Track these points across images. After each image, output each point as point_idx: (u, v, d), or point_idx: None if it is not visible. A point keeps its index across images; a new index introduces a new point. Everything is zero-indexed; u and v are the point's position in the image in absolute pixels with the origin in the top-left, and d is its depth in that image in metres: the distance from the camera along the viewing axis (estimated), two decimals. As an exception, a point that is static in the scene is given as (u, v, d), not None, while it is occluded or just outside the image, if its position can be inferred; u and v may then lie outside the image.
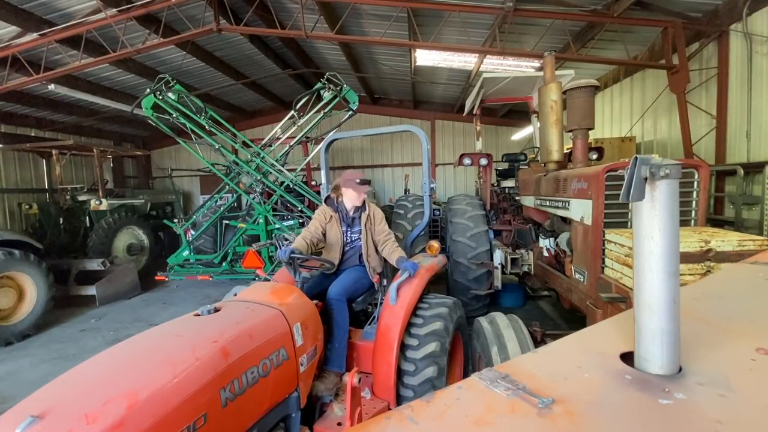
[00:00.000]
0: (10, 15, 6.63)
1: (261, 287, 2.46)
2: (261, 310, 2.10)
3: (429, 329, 2.85)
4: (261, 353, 1.86)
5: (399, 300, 2.84)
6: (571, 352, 1.01)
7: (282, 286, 2.45)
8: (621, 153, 7.84)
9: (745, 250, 2.29)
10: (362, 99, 11.29)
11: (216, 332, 1.78)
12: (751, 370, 0.86)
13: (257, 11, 7.60)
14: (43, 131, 12.15)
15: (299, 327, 2.18)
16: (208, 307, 2.05)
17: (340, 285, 2.91)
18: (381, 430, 0.74)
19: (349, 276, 3.08)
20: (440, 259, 3.59)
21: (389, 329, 2.75)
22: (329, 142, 3.82)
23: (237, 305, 2.17)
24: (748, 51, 5.94)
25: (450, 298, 3.24)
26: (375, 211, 3.21)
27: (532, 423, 0.72)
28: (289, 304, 2.24)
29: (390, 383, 2.66)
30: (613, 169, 2.98)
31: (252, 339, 1.85)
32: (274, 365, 1.92)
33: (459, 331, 3.37)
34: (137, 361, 1.60)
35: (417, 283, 2.99)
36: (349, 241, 3.21)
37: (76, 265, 7.60)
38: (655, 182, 0.83)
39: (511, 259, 4.94)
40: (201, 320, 1.96)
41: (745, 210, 5.85)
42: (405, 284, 2.93)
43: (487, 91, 6.39)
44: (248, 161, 7.67)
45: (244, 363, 1.74)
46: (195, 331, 1.84)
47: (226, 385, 1.62)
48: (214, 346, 1.67)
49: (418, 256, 3.56)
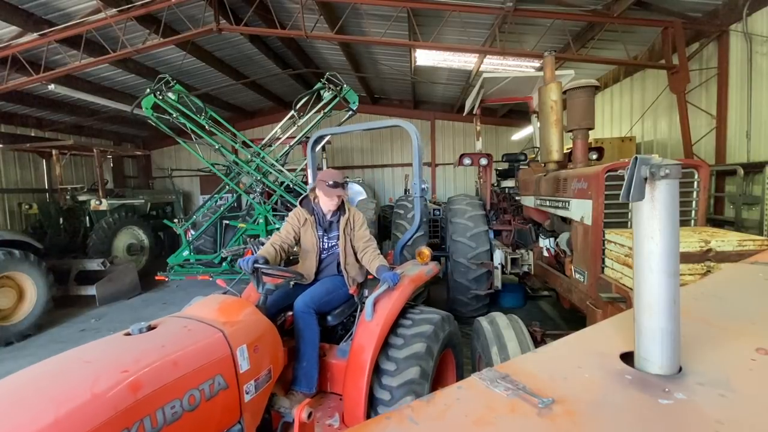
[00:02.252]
0: (10, 15, 6.64)
1: (210, 302, 2.20)
2: (199, 331, 1.87)
3: (409, 352, 2.50)
4: (187, 383, 1.61)
5: (375, 316, 2.52)
6: (571, 352, 1.01)
7: (233, 301, 2.19)
8: (621, 153, 7.84)
9: (745, 250, 2.29)
10: (362, 99, 11.28)
11: (132, 359, 1.55)
12: (751, 370, 0.86)
13: (257, 11, 7.60)
14: (43, 131, 12.14)
15: (245, 350, 1.92)
16: (141, 325, 1.82)
17: (309, 296, 2.64)
18: (381, 430, 0.74)
19: (322, 286, 2.79)
20: (430, 267, 3.26)
21: (362, 349, 2.45)
22: (316, 138, 3.60)
23: (175, 323, 1.94)
24: (748, 51, 5.94)
25: (438, 314, 2.87)
26: (355, 215, 2.94)
27: (532, 423, 0.72)
28: (236, 323, 2.00)
29: (359, 411, 2.36)
30: (613, 169, 2.98)
31: (176, 367, 1.60)
32: (206, 396, 1.68)
33: (451, 349, 3.00)
34: (22, 397, 1.34)
35: (397, 296, 2.66)
36: (325, 248, 2.92)
37: (76, 265, 7.60)
38: (655, 182, 0.83)
39: (511, 259, 4.94)
40: (125, 342, 1.73)
41: (745, 210, 5.85)
42: (383, 298, 2.62)
43: (487, 91, 6.39)
44: (248, 161, 7.67)
45: (162, 396, 1.51)
46: (109, 357, 1.60)
47: (132, 425, 1.38)
48: (122, 377, 1.44)
49: (407, 264, 3.31)
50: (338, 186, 2.78)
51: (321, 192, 2.81)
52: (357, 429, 0.78)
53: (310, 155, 3.60)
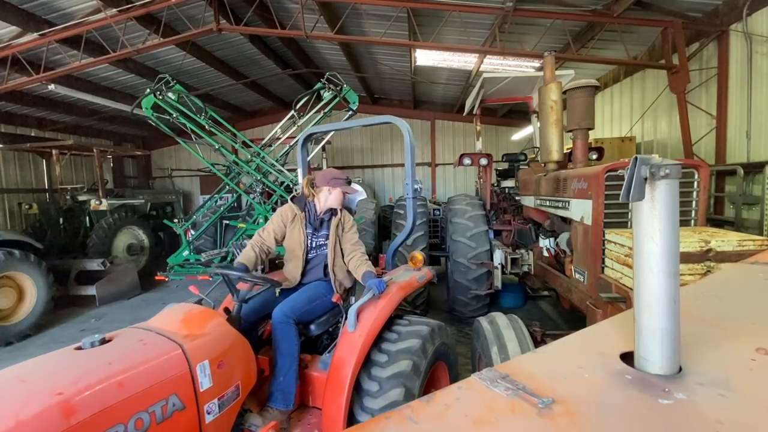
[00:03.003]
0: (10, 15, 6.63)
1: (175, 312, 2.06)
2: (155, 345, 1.73)
3: (393, 370, 2.31)
4: (134, 405, 1.48)
5: (359, 326, 2.34)
6: (571, 352, 1.01)
7: (200, 312, 2.05)
8: (621, 153, 7.84)
9: (745, 250, 2.29)
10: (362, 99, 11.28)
11: (72, 379, 1.41)
12: (751, 370, 0.86)
13: (257, 11, 7.60)
14: (43, 131, 12.15)
15: (207, 366, 1.78)
16: (95, 338, 1.70)
17: (288, 305, 2.46)
18: (381, 430, 0.74)
19: (304, 293, 2.61)
20: (423, 273, 3.05)
21: (343, 363, 2.27)
22: (306, 136, 3.49)
23: (131, 336, 1.80)
24: (748, 51, 5.94)
25: (428, 325, 2.65)
26: (346, 216, 2.82)
27: (532, 423, 0.72)
28: (200, 336, 1.85)
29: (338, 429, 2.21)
30: (613, 169, 2.98)
31: (122, 387, 1.47)
32: (158, 419, 1.53)
33: (444, 361, 2.82)
34: None
35: (383, 305, 2.48)
36: (313, 247, 2.76)
37: (76, 265, 7.60)
38: (655, 182, 0.83)
39: (511, 259, 4.94)
40: (71, 358, 1.60)
41: (745, 210, 5.85)
42: (368, 307, 2.44)
43: (487, 91, 6.38)
44: (248, 161, 7.66)
45: (102, 421, 1.37)
46: (47, 376, 1.46)
47: None
48: (55, 400, 1.30)
49: (398, 269, 3.13)
50: (351, 183, 2.83)
51: (336, 190, 2.73)
52: (357, 429, 0.78)
53: (301, 153, 3.46)
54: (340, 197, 2.76)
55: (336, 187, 2.74)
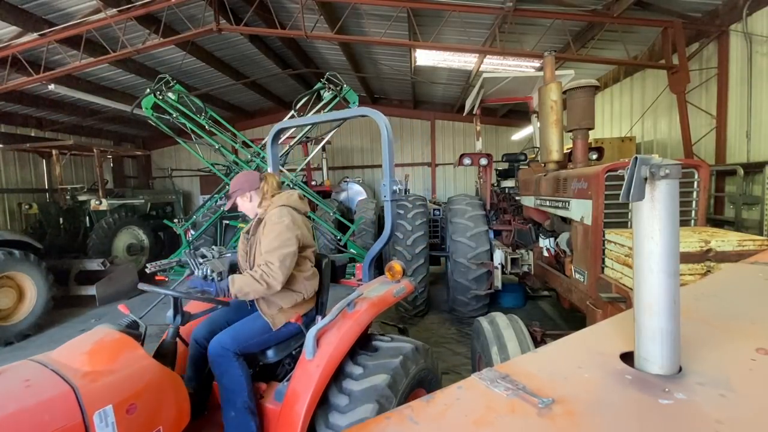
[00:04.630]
0: (10, 15, 6.63)
1: (84, 341, 1.74)
2: (41, 387, 1.41)
3: (353, 416, 1.95)
4: None
5: (318, 354, 2.01)
6: (571, 352, 1.01)
7: (113, 341, 1.72)
8: (621, 153, 7.84)
9: (745, 250, 2.28)
10: (362, 99, 11.31)
11: None
12: (751, 370, 0.86)
13: (257, 11, 7.60)
14: (43, 131, 12.15)
15: (109, 412, 1.46)
16: None
17: (229, 335, 2.13)
18: (381, 430, 0.74)
19: (255, 322, 2.24)
20: (402, 286, 2.63)
21: (297, 398, 1.97)
22: (276, 132, 3.20)
23: (17, 374, 1.49)
24: (748, 51, 5.94)
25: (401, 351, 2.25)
26: (269, 218, 2.26)
27: (532, 423, 0.72)
28: (105, 374, 1.54)
29: None
30: (613, 169, 2.98)
31: None
32: None
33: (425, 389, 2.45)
34: None
35: (349, 328, 2.11)
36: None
37: (76, 265, 7.60)
38: (655, 182, 0.83)
39: (511, 259, 4.94)
40: None
41: (745, 210, 5.85)
42: (331, 329, 2.08)
43: (487, 91, 6.39)
44: (248, 161, 7.67)
45: None
46: None
47: None
48: None
49: (374, 282, 2.71)
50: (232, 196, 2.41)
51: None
52: (357, 429, 0.78)
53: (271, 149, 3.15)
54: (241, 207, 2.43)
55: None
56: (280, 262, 2.08)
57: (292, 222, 2.22)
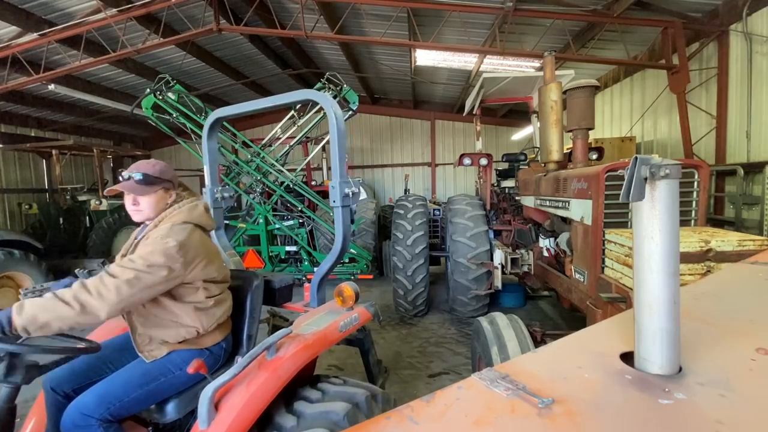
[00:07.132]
0: (10, 15, 6.64)
1: None
2: None
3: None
4: None
5: (217, 420, 1.45)
6: (571, 352, 1.01)
7: None
8: (621, 153, 7.85)
9: (745, 250, 2.28)
10: (362, 99, 11.28)
11: None
12: (751, 370, 0.86)
13: (257, 11, 7.61)
14: (43, 131, 12.16)
15: None
16: None
17: (94, 394, 1.56)
18: (381, 430, 0.74)
19: (128, 372, 1.68)
20: (355, 315, 2.08)
21: None
22: (213, 121, 2.77)
23: None
24: (748, 51, 5.94)
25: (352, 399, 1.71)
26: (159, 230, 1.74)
27: (532, 423, 0.72)
28: None
29: None
30: (613, 169, 2.98)
31: None
32: None
33: None
34: None
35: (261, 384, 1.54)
36: None
37: (76, 265, 7.57)
38: (655, 182, 0.83)
39: (511, 259, 4.94)
40: None
41: (745, 210, 5.85)
42: (239, 386, 1.53)
43: (487, 91, 6.38)
44: (248, 161, 7.67)
45: None
46: None
47: None
48: None
49: (320, 309, 2.19)
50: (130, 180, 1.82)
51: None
52: (356, 429, 0.78)
53: (205, 140, 2.71)
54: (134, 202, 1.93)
55: None
56: (126, 283, 1.48)
57: (179, 248, 1.63)
